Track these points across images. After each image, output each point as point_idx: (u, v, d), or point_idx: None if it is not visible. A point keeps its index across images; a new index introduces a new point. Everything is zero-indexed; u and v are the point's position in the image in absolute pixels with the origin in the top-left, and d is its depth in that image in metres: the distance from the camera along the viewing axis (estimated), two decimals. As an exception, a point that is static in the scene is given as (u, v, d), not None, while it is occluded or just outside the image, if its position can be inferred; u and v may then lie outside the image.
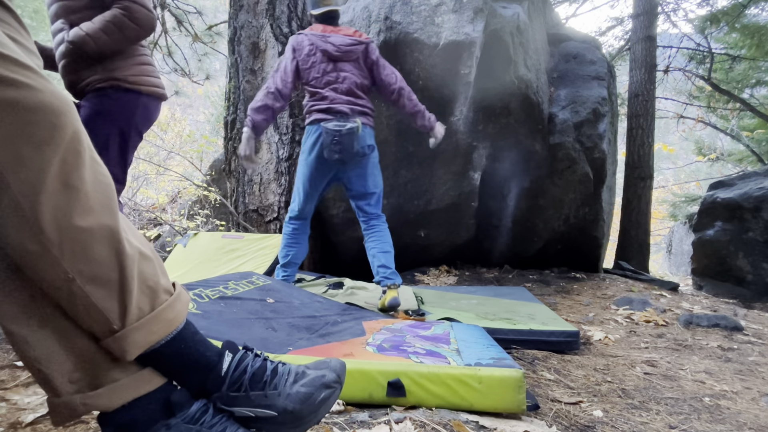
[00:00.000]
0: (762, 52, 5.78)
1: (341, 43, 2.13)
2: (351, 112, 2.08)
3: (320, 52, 2.11)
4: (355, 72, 2.14)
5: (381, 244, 2.17)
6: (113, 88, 1.58)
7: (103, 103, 1.57)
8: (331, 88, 2.10)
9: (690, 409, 1.27)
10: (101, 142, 1.57)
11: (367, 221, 2.23)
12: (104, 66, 1.57)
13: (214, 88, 9.70)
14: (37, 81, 0.53)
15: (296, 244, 2.26)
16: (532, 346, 1.79)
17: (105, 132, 1.58)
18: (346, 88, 2.11)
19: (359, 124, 2.04)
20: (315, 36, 2.14)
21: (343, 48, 2.12)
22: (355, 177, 2.17)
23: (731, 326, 2.18)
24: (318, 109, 2.10)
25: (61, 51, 1.59)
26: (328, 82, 2.11)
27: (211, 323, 1.27)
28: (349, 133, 2.00)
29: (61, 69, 1.62)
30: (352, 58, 2.14)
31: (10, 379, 1.15)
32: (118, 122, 1.60)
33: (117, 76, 1.59)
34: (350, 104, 2.09)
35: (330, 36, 2.13)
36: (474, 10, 2.81)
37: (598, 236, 3.62)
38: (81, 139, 0.57)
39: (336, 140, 2.00)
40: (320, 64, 2.11)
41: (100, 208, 0.58)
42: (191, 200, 6.03)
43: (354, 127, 2.01)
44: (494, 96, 2.93)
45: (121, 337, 0.60)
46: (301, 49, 2.13)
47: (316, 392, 0.72)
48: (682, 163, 12.14)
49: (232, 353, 0.73)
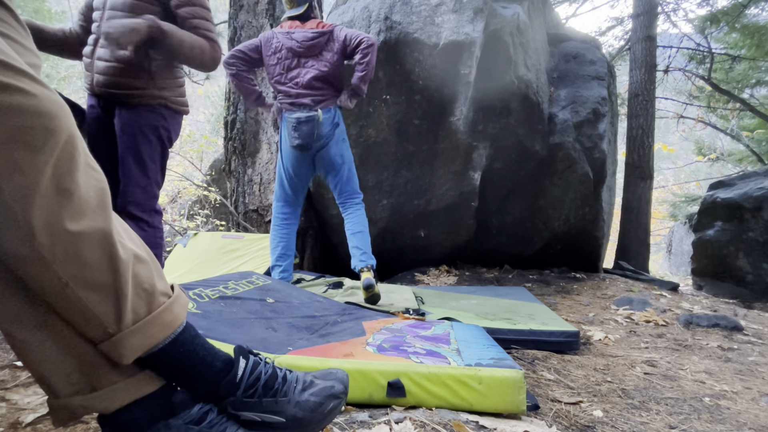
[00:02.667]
0: (762, 52, 5.78)
1: (303, 38, 2.23)
2: (312, 102, 2.22)
3: (285, 50, 2.24)
4: (316, 65, 2.23)
5: (354, 225, 2.28)
6: (163, 106, 1.69)
7: (154, 119, 1.68)
8: (293, 83, 2.23)
9: (690, 409, 1.27)
10: (149, 154, 1.68)
11: (343, 202, 2.35)
12: (155, 83, 1.66)
13: (214, 88, 9.71)
14: (32, 85, 0.52)
15: (287, 234, 2.36)
16: (532, 346, 1.79)
17: (154, 145, 1.69)
18: (306, 82, 2.22)
19: (319, 113, 2.18)
20: (281, 33, 2.26)
21: (306, 43, 2.22)
22: (323, 153, 2.28)
23: (731, 326, 2.18)
24: (284, 103, 2.27)
25: (117, 55, 1.59)
26: (291, 77, 2.24)
27: (210, 323, 1.26)
28: (308, 121, 2.15)
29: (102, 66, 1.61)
30: (315, 52, 2.24)
31: (10, 379, 1.15)
32: (163, 138, 1.72)
33: (166, 96, 1.70)
34: (310, 96, 2.23)
35: (294, 32, 2.24)
36: (474, 10, 2.81)
37: (598, 236, 3.62)
38: (75, 143, 0.57)
39: (295, 127, 2.17)
40: (285, 60, 2.24)
41: (93, 212, 0.58)
42: (191, 200, 6.03)
43: (313, 116, 2.16)
44: (494, 96, 2.93)
45: (117, 340, 0.60)
46: (269, 45, 2.27)
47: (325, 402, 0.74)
48: (682, 163, 12.15)
49: (245, 359, 0.74)
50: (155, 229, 1.72)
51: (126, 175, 1.63)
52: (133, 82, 1.63)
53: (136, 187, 1.65)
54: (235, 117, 3.62)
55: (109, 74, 1.61)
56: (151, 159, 1.68)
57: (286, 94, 2.25)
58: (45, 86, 0.54)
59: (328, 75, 2.24)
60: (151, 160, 1.68)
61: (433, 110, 3.04)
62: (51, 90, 0.55)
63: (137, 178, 1.65)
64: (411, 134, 3.13)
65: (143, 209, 1.67)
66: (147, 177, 1.67)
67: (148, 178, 1.68)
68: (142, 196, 1.66)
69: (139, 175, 1.65)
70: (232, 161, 3.65)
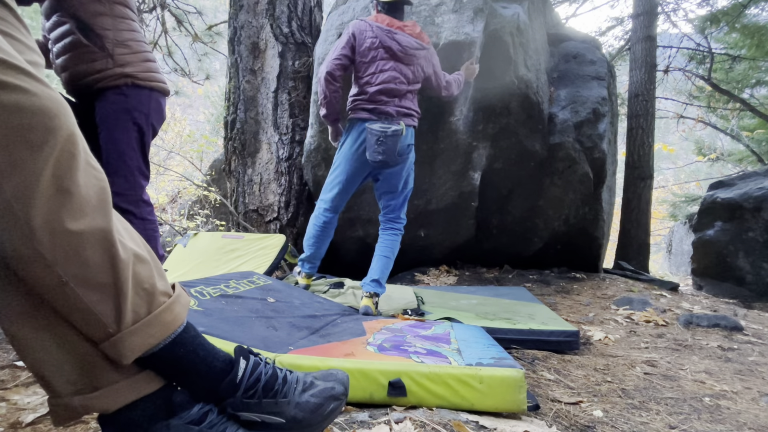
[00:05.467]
0: (762, 52, 5.78)
1: (407, 44, 2.06)
2: (396, 114, 2.06)
3: (383, 49, 2.04)
4: (409, 75, 2.10)
5: (385, 248, 2.16)
6: (127, 85, 1.59)
7: (123, 101, 1.58)
8: (382, 88, 2.04)
9: (690, 409, 1.27)
10: (125, 140, 1.59)
11: (386, 222, 2.23)
12: (115, 61, 1.57)
13: (214, 88, 9.70)
14: (32, 84, 0.52)
15: (325, 237, 2.25)
16: (532, 346, 1.79)
17: (128, 129, 1.60)
18: (396, 90, 2.05)
19: (403, 127, 2.01)
20: (380, 29, 2.05)
21: (409, 50, 2.07)
22: (390, 174, 2.14)
23: (731, 326, 2.18)
24: (364, 108, 2.07)
25: (65, 44, 1.56)
26: (381, 81, 2.05)
27: (212, 321, 1.26)
28: (394, 135, 1.97)
29: (63, 62, 1.59)
30: (413, 61, 2.10)
31: (10, 379, 1.15)
32: (137, 119, 1.62)
33: (129, 72, 1.59)
34: (396, 106, 2.06)
35: (397, 33, 2.06)
36: (474, 10, 2.81)
37: (598, 236, 3.62)
38: (76, 142, 0.56)
39: (381, 141, 1.97)
40: (380, 60, 2.04)
41: (93, 211, 0.58)
42: (191, 200, 6.03)
43: (398, 129, 1.98)
44: (494, 96, 2.93)
45: (117, 340, 0.60)
46: (363, 40, 2.04)
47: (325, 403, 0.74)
48: (682, 163, 12.15)
49: (245, 360, 0.74)
50: (144, 220, 1.65)
51: (106, 166, 1.55)
52: (92, 66, 1.55)
53: (116, 177, 1.57)
54: (235, 117, 3.62)
55: (67, 68, 1.58)
56: (128, 145, 1.60)
57: (371, 96, 2.05)
58: (45, 85, 0.54)
59: (414, 90, 2.13)
60: (128, 147, 1.59)
61: (433, 110, 3.04)
62: (51, 89, 0.55)
63: (117, 167, 1.57)
64: (411, 134, 3.13)
65: (128, 200, 1.60)
66: (126, 165, 1.59)
67: (128, 166, 1.59)
68: (124, 186, 1.59)
69: (118, 164, 1.57)
70: (232, 161, 3.65)
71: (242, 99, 3.59)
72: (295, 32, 3.63)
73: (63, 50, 1.58)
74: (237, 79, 3.63)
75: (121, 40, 1.60)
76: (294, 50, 3.61)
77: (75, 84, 1.60)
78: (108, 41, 1.57)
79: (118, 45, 1.59)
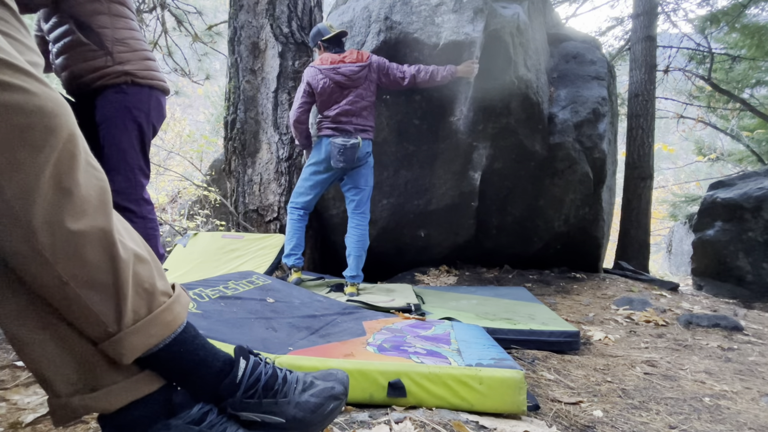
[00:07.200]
0: (762, 52, 5.77)
1: (350, 72, 2.50)
2: (354, 130, 2.52)
3: (334, 84, 2.50)
4: (362, 93, 2.54)
5: (354, 241, 2.59)
6: (127, 83, 1.60)
7: (123, 99, 1.59)
8: (339, 111, 2.52)
9: (690, 409, 1.27)
10: (126, 138, 1.59)
11: (351, 212, 2.64)
12: (114, 59, 1.57)
13: (214, 88, 9.69)
14: (32, 84, 0.52)
15: (301, 229, 2.66)
16: (532, 346, 1.79)
17: (129, 127, 1.60)
18: (352, 110, 2.52)
19: (359, 140, 2.48)
20: (327, 70, 2.51)
21: (354, 77, 2.51)
22: (352, 175, 2.62)
23: (731, 326, 2.17)
24: (327, 126, 2.54)
25: (65, 43, 1.56)
26: (337, 106, 2.53)
27: (211, 323, 1.26)
28: (352, 147, 2.45)
29: (63, 61, 1.59)
30: (360, 82, 2.53)
31: (10, 379, 1.15)
32: (138, 117, 1.62)
33: (129, 70, 1.59)
34: (354, 124, 2.53)
35: (340, 67, 2.51)
36: (474, 10, 2.80)
37: (598, 236, 3.62)
38: (76, 142, 0.56)
39: (341, 152, 2.45)
40: (333, 93, 2.52)
41: (94, 211, 0.58)
42: (191, 200, 6.03)
43: (355, 143, 2.45)
44: (494, 96, 2.93)
45: (117, 340, 0.60)
46: (317, 85, 2.52)
47: (325, 403, 0.74)
48: (682, 163, 12.15)
49: (245, 360, 0.74)
50: (145, 219, 1.64)
51: (105, 165, 1.55)
52: (91, 64, 1.55)
53: (117, 176, 1.57)
54: (235, 117, 3.62)
55: (69, 65, 1.57)
56: (128, 144, 1.60)
57: (332, 118, 2.52)
58: (46, 85, 0.54)
59: (367, 106, 2.56)
60: (128, 145, 1.60)
61: (433, 110, 3.04)
62: (52, 89, 0.55)
63: (117, 165, 1.57)
64: (411, 134, 3.13)
65: (128, 198, 1.60)
66: (127, 163, 1.59)
67: (129, 164, 1.60)
68: (124, 185, 1.59)
69: (118, 162, 1.57)
70: (232, 161, 3.65)
71: (242, 99, 3.59)
72: (295, 32, 3.64)
73: (63, 49, 1.58)
74: (237, 79, 3.63)
75: (119, 38, 1.60)
76: (294, 50, 3.61)
77: (75, 83, 1.60)
78: (107, 39, 1.56)
79: (117, 43, 1.59)
